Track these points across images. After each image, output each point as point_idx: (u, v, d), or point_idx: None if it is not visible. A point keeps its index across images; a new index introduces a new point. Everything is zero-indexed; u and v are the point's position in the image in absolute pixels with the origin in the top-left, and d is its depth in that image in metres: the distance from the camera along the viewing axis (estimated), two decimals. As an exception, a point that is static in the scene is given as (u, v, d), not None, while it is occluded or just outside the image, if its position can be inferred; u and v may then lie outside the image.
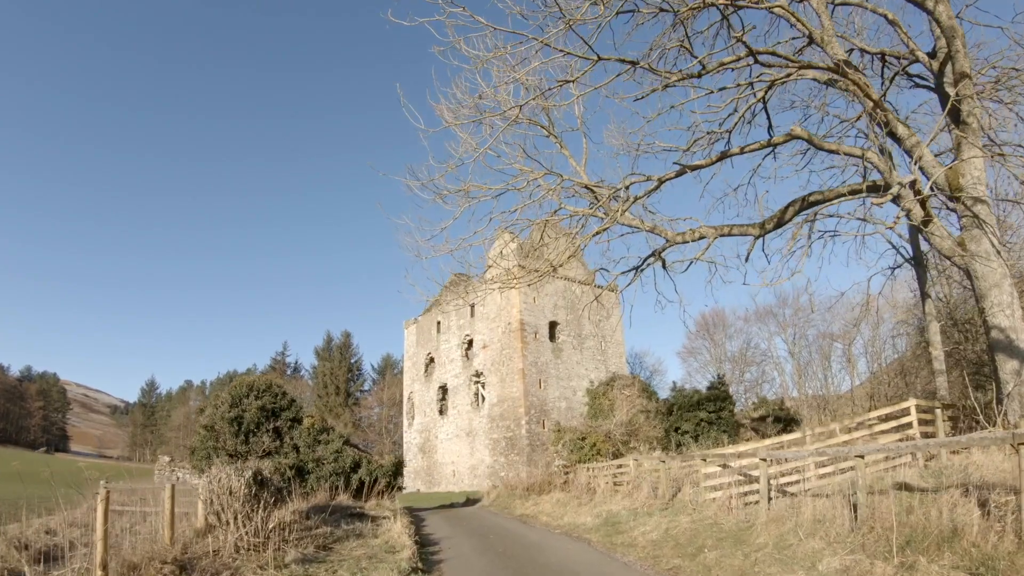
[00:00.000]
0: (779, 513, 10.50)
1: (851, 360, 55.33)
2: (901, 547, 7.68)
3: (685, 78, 12.44)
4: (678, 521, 11.90)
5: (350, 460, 18.84)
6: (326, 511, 15.86)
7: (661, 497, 14.73)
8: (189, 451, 19.71)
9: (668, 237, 14.77)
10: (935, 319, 21.87)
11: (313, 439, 19.66)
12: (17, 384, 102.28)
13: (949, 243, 12.36)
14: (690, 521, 11.66)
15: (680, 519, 12.03)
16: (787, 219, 14.75)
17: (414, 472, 49.73)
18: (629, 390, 31.61)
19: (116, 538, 12.69)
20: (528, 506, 19.25)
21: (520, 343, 39.88)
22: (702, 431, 23.91)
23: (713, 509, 12.09)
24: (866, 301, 23.58)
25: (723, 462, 13.13)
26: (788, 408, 31.07)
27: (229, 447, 19.05)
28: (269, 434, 19.59)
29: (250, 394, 20.33)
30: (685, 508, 13.13)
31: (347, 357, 74.06)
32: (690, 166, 14.73)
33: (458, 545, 12.83)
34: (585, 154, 14.75)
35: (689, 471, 17.55)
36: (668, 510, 13.58)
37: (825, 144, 15.04)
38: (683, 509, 13.09)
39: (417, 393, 50.85)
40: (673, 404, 26.70)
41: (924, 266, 22.33)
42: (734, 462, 12.94)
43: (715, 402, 25.57)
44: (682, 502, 13.58)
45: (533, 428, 38.16)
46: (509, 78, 11.30)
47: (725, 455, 13.03)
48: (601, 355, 44.13)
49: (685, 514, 12.64)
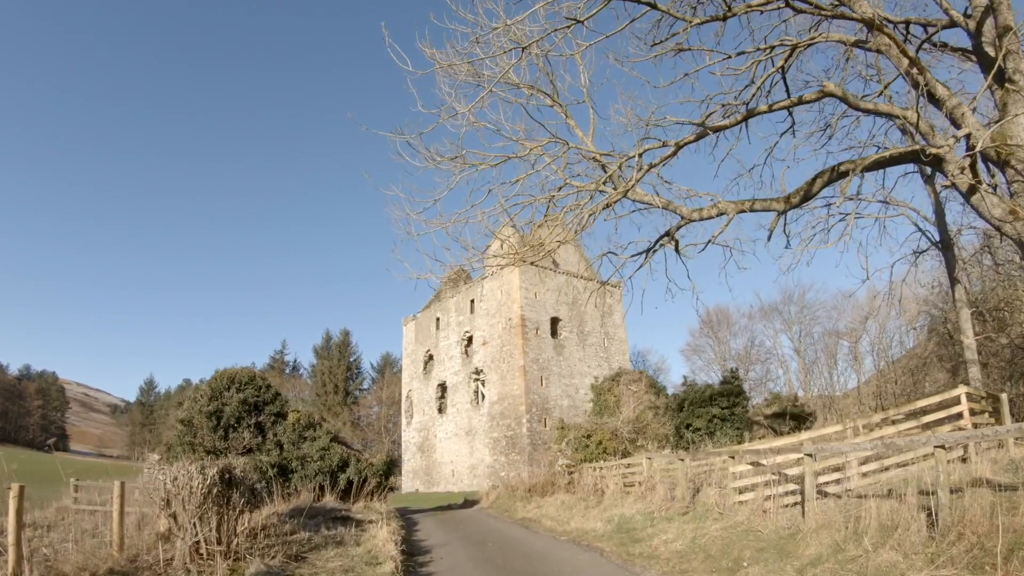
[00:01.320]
0: (828, 518, 8.81)
1: (857, 358, 53.68)
2: (1006, 557, 6.00)
3: (709, 21, 10.81)
4: (705, 528, 10.19)
5: (337, 458, 17.13)
6: (308, 514, 14.17)
7: (679, 499, 13.01)
8: (165, 447, 18.00)
9: (684, 214, 13.08)
10: (965, 305, 20.17)
11: (298, 435, 17.95)
12: (16, 383, 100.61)
13: (1000, 210, 10.67)
14: (720, 528, 9.95)
15: (707, 525, 10.32)
16: (815, 191, 13.02)
17: (412, 472, 47.97)
18: (636, 386, 29.87)
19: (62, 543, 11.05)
20: (530, 509, 17.54)
21: (521, 339, 38.17)
22: (715, 428, 22.19)
23: (745, 513, 10.38)
24: (889, 288, 21.91)
25: (755, 459, 11.42)
26: (803, 404, 29.29)
27: (207, 443, 17.35)
28: (250, 429, 17.88)
29: (231, 387, 18.64)
30: (709, 512, 11.43)
31: (346, 356, 72.35)
32: (712, 127, 12.91)
33: (452, 555, 11.12)
34: (592, 125, 13.01)
35: (707, 471, 15.88)
36: (689, 514, 11.88)
37: (861, 103, 13.30)
38: (707, 513, 11.39)
39: (416, 391, 49.13)
40: (684, 400, 24.89)
41: (952, 250, 20.66)
42: (767, 459, 11.24)
43: (728, 397, 23.78)
44: (705, 505, 11.86)
45: (534, 427, 36.43)
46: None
47: (759, 451, 11.32)
48: (604, 352, 42.41)
49: (711, 519, 10.94)
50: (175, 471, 11.27)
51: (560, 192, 12.98)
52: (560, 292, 41.62)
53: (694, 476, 14.73)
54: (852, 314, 53.56)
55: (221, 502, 12.08)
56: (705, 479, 14.45)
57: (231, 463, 12.71)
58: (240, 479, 12.88)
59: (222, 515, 10.94)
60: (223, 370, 19.41)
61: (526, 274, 39.90)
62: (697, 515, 11.56)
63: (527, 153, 12.59)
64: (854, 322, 53.22)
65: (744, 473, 11.79)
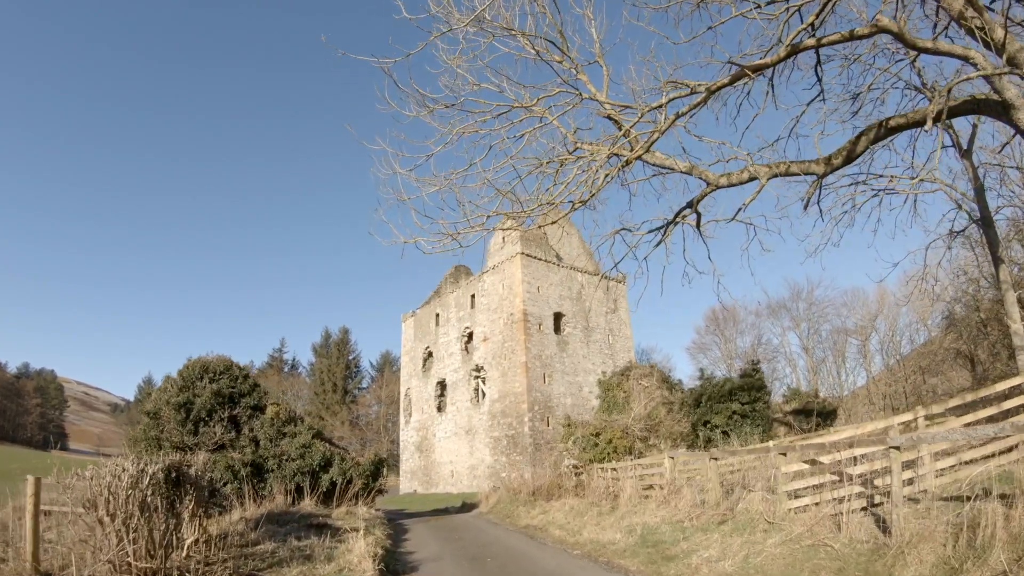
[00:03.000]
0: (924, 527, 6.70)
1: (867, 355, 51.52)
2: None
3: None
4: (758, 543, 8.07)
5: (319, 457, 14.99)
6: (281, 520, 12.06)
7: (712, 505, 10.88)
8: (130, 442, 15.87)
9: (710, 179, 11.00)
10: (1011, 287, 18.02)
11: (277, 431, 15.82)
12: (14, 381, 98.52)
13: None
14: (778, 543, 7.84)
15: (759, 540, 8.20)
16: (859, 151, 10.93)
17: (410, 472, 45.79)
18: (647, 380, 27.65)
19: None
20: (535, 515, 15.40)
21: (523, 335, 36.03)
22: (734, 425, 20.04)
23: (804, 523, 8.26)
24: (923, 273, 19.78)
25: (813, 455, 9.31)
26: (824, 400, 27.09)
27: (175, 438, 15.24)
28: (223, 424, 15.76)
29: (204, 376, 16.53)
30: (755, 522, 9.30)
31: (345, 354, 70.18)
32: (750, 66, 10.72)
33: (442, 575, 9.00)
34: (606, 82, 10.91)
35: (737, 471, 13.77)
36: (728, 524, 9.75)
37: (918, 41, 11.19)
38: (752, 523, 9.26)
39: (414, 389, 46.98)
40: (701, 394, 22.62)
41: (994, 227, 18.54)
42: (826, 455, 9.14)
43: (749, 392, 21.55)
44: (749, 513, 9.73)
45: (537, 425, 34.26)
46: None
47: (821, 444, 9.17)
48: (609, 349, 40.27)
49: (760, 531, 8.82)
50: (107, 468, 9.16)
51: (572, 155, 10.87)
52: (563, 287, 39.55)
53: (723, 478, 12.63)
54: (862, 312, 51.47)
55: (165, 507, 9.97)
56: (738, 481, 12.36)
57: (182, 459, 10.61)
58: (195, 479, 10.79)
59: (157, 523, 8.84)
60: (196, 359, 17.31)
61: (529, 268, 37.83)
62: (739, 525, 9.45)
63: (534, 103, 10.44)
64: (863, 320, 51.11)
65: (800, 473, 9.68)
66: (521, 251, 37.63)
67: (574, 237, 43.95)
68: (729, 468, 15.49)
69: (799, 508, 9.17)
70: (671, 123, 10.25)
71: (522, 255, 37.58)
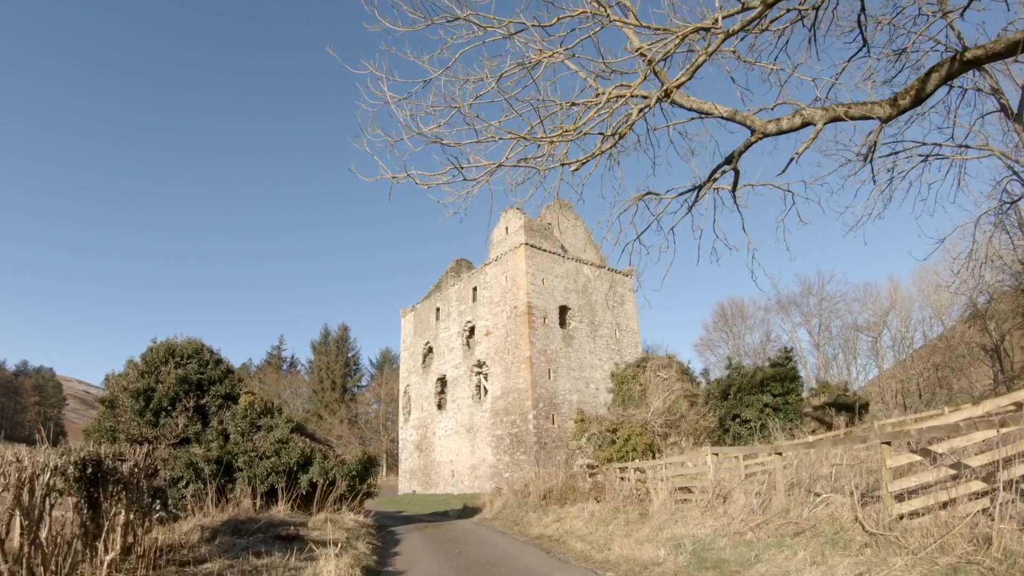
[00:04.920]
0: None
1: (879, 352, 49.19)
2: None
3: None
4: (871, 562, 5.73)
5: (297, 454, 12.62)
6: (245, 530, 9.69)
7: (779, 512, 8.51)
8: (84, 435, 13.50)
9: (756, 126, 8.77)
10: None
11: (250, 424, 13.45)
12: (12, 378, 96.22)
13: None
14: (908, 564, 5.50)
15: (869, 557, 5.87)
16: (929, 90, 8.65)
17: (409, 472, 43.35)
18: (665, 372, 25.19)
19: None
20: (548, 522, 13.02)
21: (527, 328, 33.66)
22: (766, 419, 17.65)
23: (929, 533, 5.93)
24: (971, 251, 17.42)
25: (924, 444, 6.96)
26: (855, 393, 24.70)
27: (132, 430, 12.89)
28: (188, 414, 13.40)
29: (170, 360, 14.18)
30: (846, 533, 6.98)
31: (344, 351, 67.75)
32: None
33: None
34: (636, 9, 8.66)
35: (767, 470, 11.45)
36: (806, 535, 7.43)
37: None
38: (845, 535, 6.94)
39: (414, 386, 44.58)
40: (729, 385, 20.10)
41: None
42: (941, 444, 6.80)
43: (782, 382, 19.03)
44: (834, 521, 7.39)
45: (542, 423, 31.85)
46: None
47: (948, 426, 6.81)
48: (616, 344, 37.90)
49: (860, 544, 6.52)
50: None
51: (596, 99, 8.53)
52: (569, 279, 37.22)
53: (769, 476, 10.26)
54: (874, 307, 49.15)
55: (87, 514, 7.69)
56: (791, 480, 10.04)
57: (111, 453, 8.29)
58: (127, 477, 8.49)
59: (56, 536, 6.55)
60: (163, 341, 14.94)
61: (533, 259, 35.52)
62: (827, 538, 7.11)
63: (553, 23, 8.10)
64: (876, 315, 48.79)
65: (912, 468, 7.35)
66: (525, 241, 35.33)
67: (579, 229, 41.66)
68: (748, 467, 13.17)
69: (913, 513, 6.83)
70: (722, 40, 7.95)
71: (526, 245, 35.28)
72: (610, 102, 8.31)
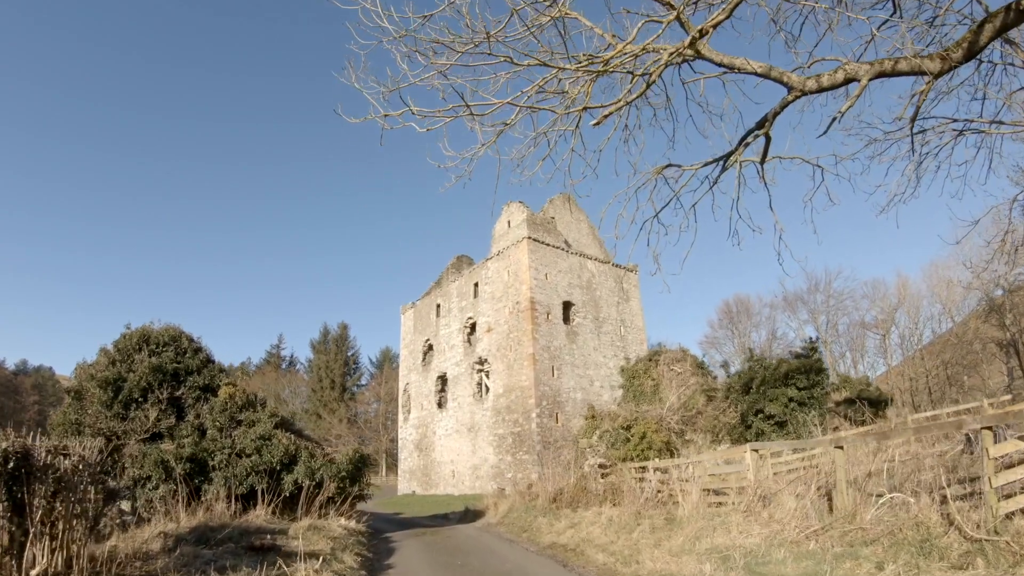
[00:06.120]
0: None
1: (888, 351, 47.77)
2: None
3: None
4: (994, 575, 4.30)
5: (281, 452, 11.15)
6: (214, 539, 8.24)
7: (845, 517, 7.09)
8: (51, 427, 12.02)
9: (793, 83, 7.57)
10: None
11: (229, 418, 11.99)
12: (12, 377, 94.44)
13: None
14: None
15: (989, 571, 4.43)
16: (981, 44, 7.45)
17: (409, 472, 41.85)
18: (680, 366, 23.73)
19: None
20: (561, 529, 11.57)
21: (530, 324, 32.21)
22: (791, 414, 16.21)
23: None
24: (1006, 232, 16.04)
25: None
26: (878, 388, 23.23)
27: (100, 423, 11.45)
28: (161, 406, 11.94)
29: (144, 348, 12.74)
30: (937, 540, 5.60)
31: (343, 350, 66.26)
32: None
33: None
34: None
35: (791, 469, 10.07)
36: (882, 543, 6.06)
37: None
38: (938, 542, 5.54)
39: (414, 384, 43.10)
40: (751, 379, 18.58)
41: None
42: None
43: (807, 375, 17.52)
44: (918, 525, 5.98)
45: (545, 422, 30.38)
46: None
47: None
48: (621, 341, 36.46)
49: (959, 552, 5.15)
50: None
51: (611, 67, 7.27)
52: (573, 275, 35.81)
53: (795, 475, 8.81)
54: (882, 304, 47.74)
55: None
56: (852, 481, 8.60)
57: (37, 444, 6.91)
58: (65, 476, 7.16)
59: None
60: (137, 328, 13.51)
61: (536, 253, 34.10)
62: (913, 545, 5.69)
63: None
64: (884, 312, 47.39)
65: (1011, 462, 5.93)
66: (528, 235, 33.93)
67: (583, 224, 40.26)
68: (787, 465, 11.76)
69: (1021, 511, 5.43)
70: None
71: (529, 239, 33.87)
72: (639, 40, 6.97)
